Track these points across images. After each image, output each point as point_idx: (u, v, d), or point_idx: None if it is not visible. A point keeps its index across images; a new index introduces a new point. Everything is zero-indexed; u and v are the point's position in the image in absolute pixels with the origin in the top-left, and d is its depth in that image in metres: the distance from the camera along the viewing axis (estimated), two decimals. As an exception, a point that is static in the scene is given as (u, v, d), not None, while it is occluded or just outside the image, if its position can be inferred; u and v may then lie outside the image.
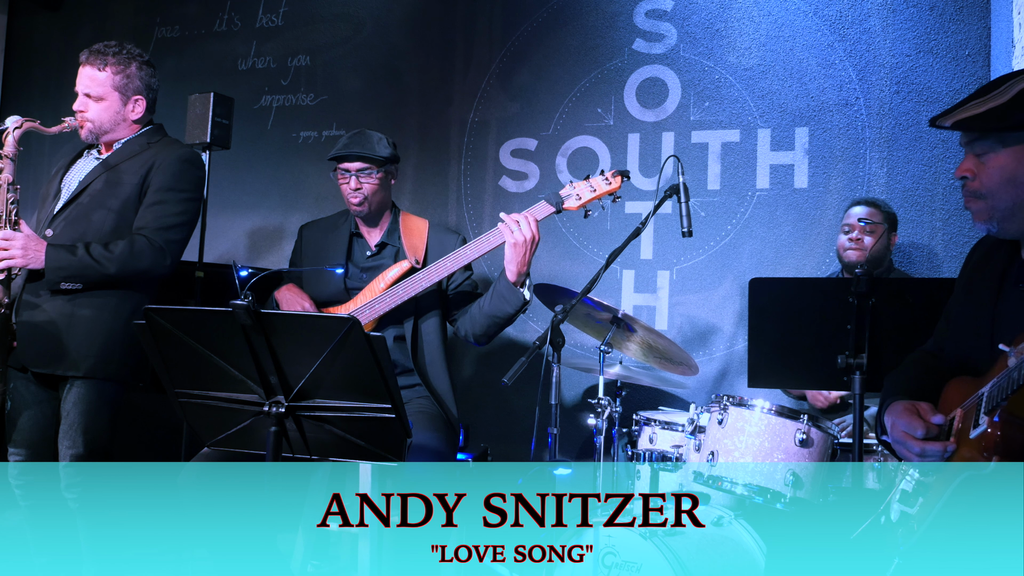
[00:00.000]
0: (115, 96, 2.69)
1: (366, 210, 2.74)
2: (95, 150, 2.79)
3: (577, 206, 2.54)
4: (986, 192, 1.64)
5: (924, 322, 2.12)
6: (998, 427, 1.44)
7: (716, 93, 3.76)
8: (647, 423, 2.99)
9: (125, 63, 2.69)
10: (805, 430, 2.49)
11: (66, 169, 2.78)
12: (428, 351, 2.70)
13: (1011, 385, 1.41)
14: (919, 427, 1.58)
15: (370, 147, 2.71)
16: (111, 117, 2.70)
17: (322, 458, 2.14)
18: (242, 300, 1.66)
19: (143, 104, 2.74)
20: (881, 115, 3.53)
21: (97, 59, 2.68)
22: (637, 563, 2.50)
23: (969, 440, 1.50)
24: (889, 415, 1.66)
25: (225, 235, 4.60)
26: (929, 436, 1.57)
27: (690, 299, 3.75)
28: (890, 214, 3.18)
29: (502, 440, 3.87)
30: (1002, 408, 1.44)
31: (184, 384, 1.84)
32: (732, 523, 2.72)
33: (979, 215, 1.67)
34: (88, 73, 2.68)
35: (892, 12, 3.54)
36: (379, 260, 2.79)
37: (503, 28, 4.19)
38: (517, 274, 2.53)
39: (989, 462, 1.44)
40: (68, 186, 2.72)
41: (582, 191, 2.52)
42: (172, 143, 2.78)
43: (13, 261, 2.46)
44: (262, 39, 4.70)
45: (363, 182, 2.70)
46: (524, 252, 2.50)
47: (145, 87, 2.74)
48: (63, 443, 2.57)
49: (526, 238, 2.49)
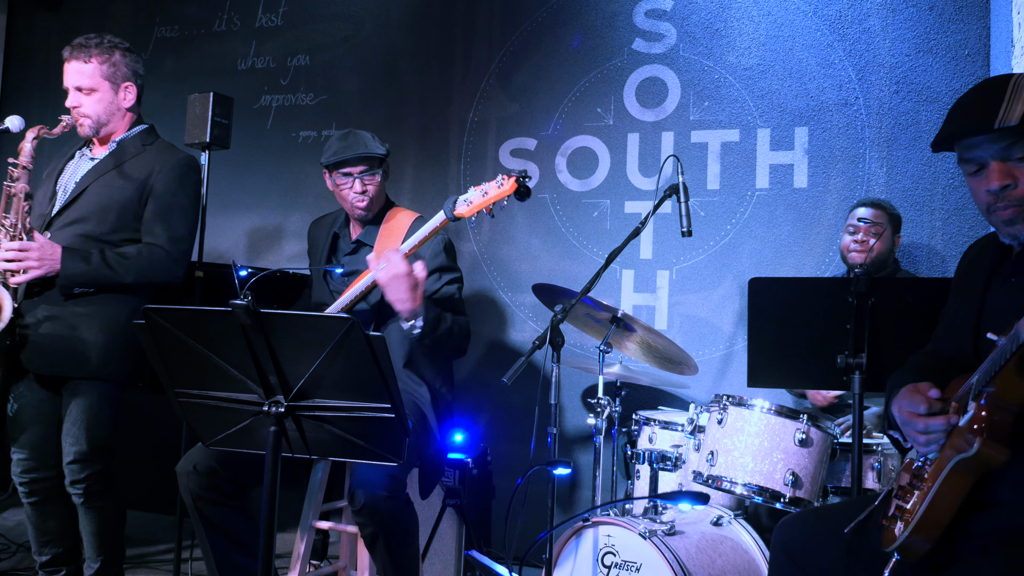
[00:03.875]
0: (106, 86, 2.70)
1: (371, 212, 2.72)
2: (87, 149, 2.78)
3: (468, 212, 2.39)
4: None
5: (924, 322, 2.12)
6: (983, 409, 1.47)
7: (716, 93, 3.76)
8: (647, 423, 3.00)
9: (109, 52, 2.70)
10: (805, 430, 2.49)
11: (60, 172, 2.77)
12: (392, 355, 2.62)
13: (994, 367, 1.44)
14: (921, 403, 1.59)
15: (368, 146, 2.68)
16: (106, 108, 2.70)
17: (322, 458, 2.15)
18: (242, 300, 1.66)
19: (134, 91, 2.75)
20: (881, 115, 3.53)
21: (81, 52, 2.68)
22: (637, 563, 2.50)
23: (959, 428, 1.53)
24: (895, 402, 1.68)
25: (225, 235, 4.60)
26: (932, 412, 1.58)
27: (690, 299, 3.75)
28: (894, 215, 3.18)
29: (501, 440, 3.88)
30: (988, 393, 1.46)
31: (184, 384, 1.84)
32: (732, 523, 2.72)
33: (1012, 222, 1.65)
34: (75, 67, 2.68)
35: (892, 12, 3.54)
36: (354, 259, 2.77)
37: (502, 28, 4.19)
38: (404, 312, 2.40)
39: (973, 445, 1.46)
40: (64, 188, 2.72)
41: (474, 197, 2.39)
42: (169, 147, 2.79)
43: (31, 273, 2.48)
44: (261, 39, 4.70)
45: (367, 184, 2.67)
46: (395, 288, 2.34)
47: (133, 73, 2.75)
48: (66, 441, 2.58)
49: (388, 275, 2.34)
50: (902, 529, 1.59)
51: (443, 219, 2.42)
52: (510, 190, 2.35)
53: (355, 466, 2.37)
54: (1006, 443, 1.46)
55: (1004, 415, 1.46)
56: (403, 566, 2.38)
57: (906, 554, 1.60)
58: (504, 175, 2.38)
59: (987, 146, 1.63)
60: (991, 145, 1.63)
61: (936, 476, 1.55)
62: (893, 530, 1.63)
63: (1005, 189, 1.63)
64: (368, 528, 2.32)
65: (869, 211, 3.14)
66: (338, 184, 2.70)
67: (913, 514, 1.58)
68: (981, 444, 1.45)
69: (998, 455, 1.46)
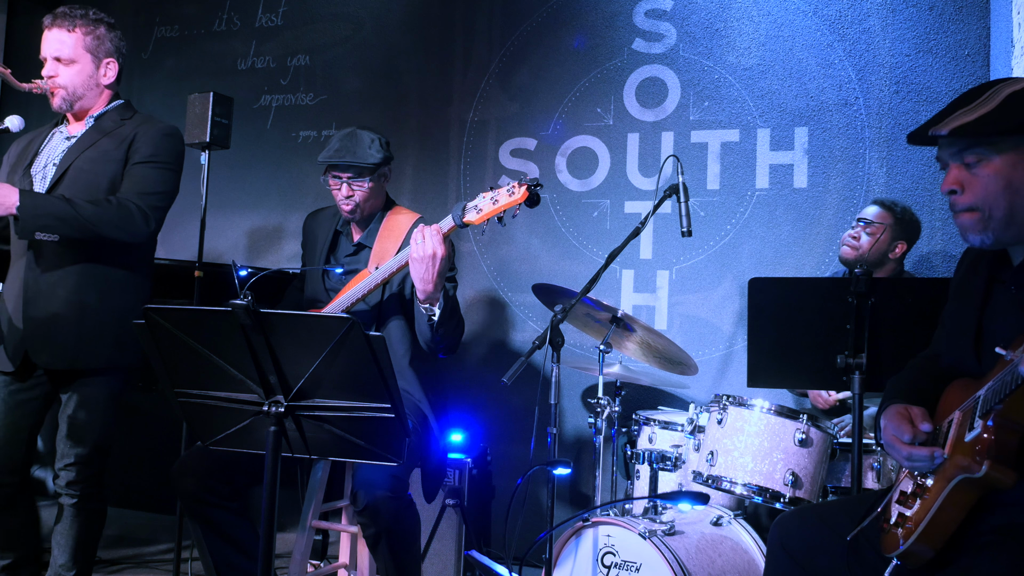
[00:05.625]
0: (87, 58, 2.58)
1: (358, 216, 2.71)
2: (62, 128, 2.67)
3: (478, 219, 2.35)
4: (980, 203, 1.60)
5: (923, 322, 2.12)
6: (991, 431, 1.43)
7: (715, 93, 3.76)
8: (646, 423, 3.00)
9: (94, 24, 2.59)
10: (804, 430, 2.50)
11: (33, 156, 2.63)
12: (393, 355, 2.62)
13: (1005, 388, 1.41)
14: (907, 432, 1.58)
15: (362, 153, 2.65)
16: (84, 81, 2.58)
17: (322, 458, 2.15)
18: (241, 300, 1.66)
19: (115, 68, 2.64)
20: (880, 115, 3.53)
21: (64, 20, 2.56)
22: (637, 563, 2.50)
23: (963, 444, 1.50)
24: (884, 418, 1.67)
25: (224, 235, 4.60)
26: (916, 442, 1.57)
27: (689, 299, 3.75)
28: (904, 220, 3.09)
29: (501, 440, 3.88)
30: (996, 412, 1.43)
31: (184, 384, 1.84)
32: (732, 523, 2.72)
33: (972, 228, 1.63)
34: (56, 35, 2.55)
35: (891, 12, 3.54)
36: (355, 260, 2.76)
37: (502, 28, 4.20)
38: (423, 292, 2.40)
39: (981, 467, 1.44)
40: (43, 173, 2.58)
41: (484, 204, 2.34)
42: (149, 118, 2.68)
43: None
44: (261, 39, 4.70)
45: (355, 189, 2.66)
46: (425, 268, 2.35)
47: (116, 50, 2.64)
48: (66, 441, 2.51)
49: (426, 253, 2.34)
50: (904, 536, 1.58)
51: (451, 225, 2.38)
52: (521, 198, 2.29)
53: (357, 467, 2.37)
54: (1013, 466, 1.43)
55: (1011, 436, 1.43)
56: (405, 566, 2.38)
57: (908, 560, 1.59)
58: (515, 182, 2.31)
59: (945, 147, 1.64)
60: (948, 147, 1.64)
61: (940, 491, 1.53)
62: (895, 536, 1.62)
63: (952, 194, 1.64)
64: (370, 528, 2.32)
65: (874, 210, 3.09)
66: (329, 184, 2.72)
67: (916, 523, 1.57)
68: (989, 467, 1.43)
69: (1005, 479, 1.43)
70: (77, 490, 2.53)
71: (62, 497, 2.54)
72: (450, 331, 2.53)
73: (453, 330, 2.55)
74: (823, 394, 3.15)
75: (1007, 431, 1.43)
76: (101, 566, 3.45)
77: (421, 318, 2.50)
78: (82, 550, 2.57)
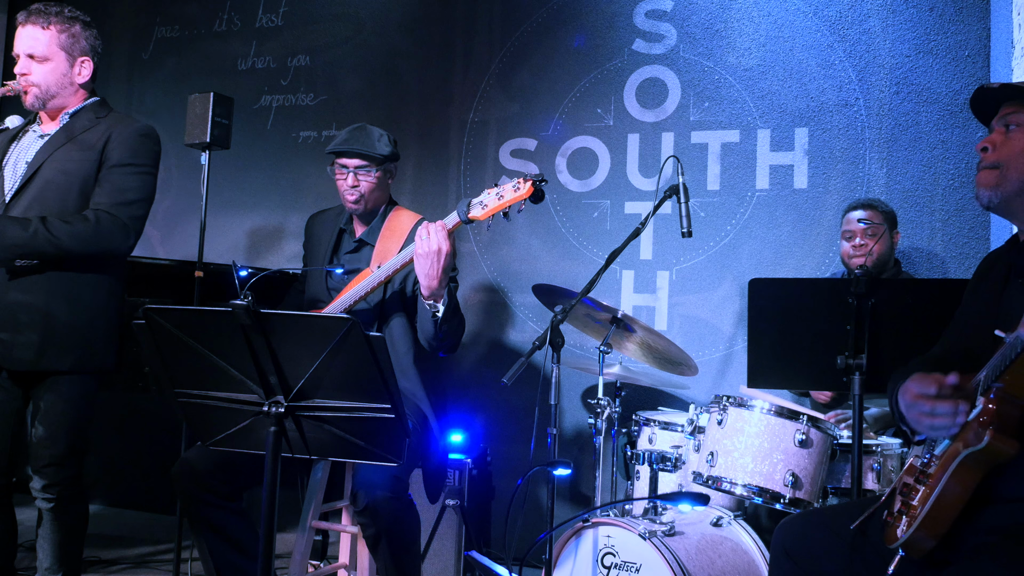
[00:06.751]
0: (61, 56, 2.53)
1: (362, 208, 2.71)
2: (36, 127, 2.62)
3: (483, 215, 2.35)
4: (1003, 161, 1.69)
5: (924, 322, 2.12)
6: (992, 403, 1.47)
7: (716, 93, 3.76)
8: (646, 423, 3.00)
9: (69, 22, 2.55)
10: (804, 430, 2.49)
11: (5, 151, 2.59)
12: (394, 354, 2.65)
13: (1005, 360, 1.45)
14: (932, 385, 1.56)
15: (370, 144, 2.68)
16: (57, 80, 2.54)
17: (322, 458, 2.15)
18: (242, 300, 1.66)
19: (90, 67, 2.60)
20: (881, 116, 3.53)
21: (39, 18, 2.51)
22: (637, 564, 2.50)
23: (967, 423, 1.53)
24: (902, 388, 1.66)
25: (225, 235, 4.60)
26: (942, 395, 1.56)
27: (690, 299, 3.75)
28: (888, 213, 3.14)
29: (501, 440, 3.88)
30: (996, 387, 1.47)
31: (183, 384, 1.84)
32: (732, 524, 2.72)
33: (985, 182, 1.71)
34: (30, 32, 2.50)
35: (892, 12, 3.54)
36: (356, 258, 2.76)
37: (503, 28, 4.20)
38: (428, 288, 2.39)
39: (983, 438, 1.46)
40: (15, 170, 2.53)
41: (489, 200, 2.34)
42: (125, 117, 2.64)
43: None
44: (262, 39, 4.70)
45: (360, 180, 2.67)
46: (430, 263, 2.34)
47: (91, 49, 2.60)
48: (39, 444, 2.45)
49: (431, 248, 2.34)
50: (907, 525, 1.59)
51: (456, 221, 2.38)
52: (526, 194, 2.29)
53: (358, 467, 2.37)
54: (1015, 436, 1.46)
55: (1012, 408, 1.46)
56: (405, 567, 2.38)
57: (911, 550, 1.59)
58: (520, 178, 2.31)
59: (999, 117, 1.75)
60: (1000, 116, 1.74)
61: (943, 471, 1.54)
62: (897, 527, 1.63)
63: (984, 151, 1.72)
64: (370, 529, 2.32)
65: (863, 213, 3.09)
66: (335, 174, 2.72)
67: (919, 510, 1.57)
68: (992, 437, 1.45)
69: (1008, 448, 1.46)
70: (54, 493, 2.48)
71: (38, 501, 2.50)
72: (453, 328, 2.53)
73: (456, 328, 2.55)
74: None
75: (1008, 403, 1.46)
76: (101, 566, 3.45)
77: (425, 315, 2.50)
78: (67, 551, 2.54)
